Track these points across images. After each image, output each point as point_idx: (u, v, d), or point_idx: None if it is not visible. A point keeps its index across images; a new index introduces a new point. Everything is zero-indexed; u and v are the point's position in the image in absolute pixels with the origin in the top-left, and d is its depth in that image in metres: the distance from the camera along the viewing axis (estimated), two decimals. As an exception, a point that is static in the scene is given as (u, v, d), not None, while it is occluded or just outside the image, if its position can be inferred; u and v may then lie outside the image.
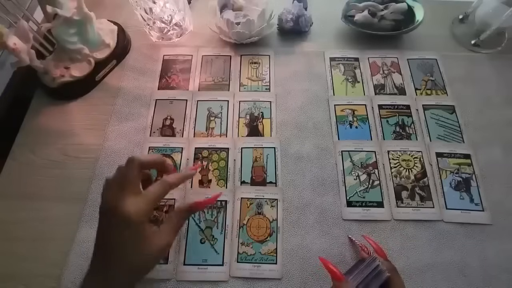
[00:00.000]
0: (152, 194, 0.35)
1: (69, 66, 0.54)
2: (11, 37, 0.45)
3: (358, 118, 0.54)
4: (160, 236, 0.35)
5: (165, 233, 0.35)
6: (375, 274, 0.35)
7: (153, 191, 0.35)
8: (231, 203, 0.47)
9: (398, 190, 0.48)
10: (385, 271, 0.35)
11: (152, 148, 0.51)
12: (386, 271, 0.35)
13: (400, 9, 0.58)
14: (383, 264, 0.36)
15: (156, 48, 0.61)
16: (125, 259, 0.33)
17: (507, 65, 0.58)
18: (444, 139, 0.52)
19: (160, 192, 0.36)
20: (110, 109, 0.54)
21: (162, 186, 0.36)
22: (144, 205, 0.33)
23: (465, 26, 0.63)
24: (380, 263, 0.36)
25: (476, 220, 0.46)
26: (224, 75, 0.58)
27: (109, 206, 0.33)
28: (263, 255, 0.43)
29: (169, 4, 0.56)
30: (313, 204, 0.47)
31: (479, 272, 0.42)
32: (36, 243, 0.45)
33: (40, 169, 0.50)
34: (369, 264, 0.36)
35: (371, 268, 0.36)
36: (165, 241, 0.35)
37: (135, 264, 0.33)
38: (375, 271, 0.35)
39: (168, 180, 0.37)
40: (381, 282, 0.35)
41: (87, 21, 0.53)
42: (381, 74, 0.58)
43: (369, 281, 0.35)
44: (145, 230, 0.34)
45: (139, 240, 0.33)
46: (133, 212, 0.32)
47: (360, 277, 0.35)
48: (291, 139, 0.52)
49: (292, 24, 0.60)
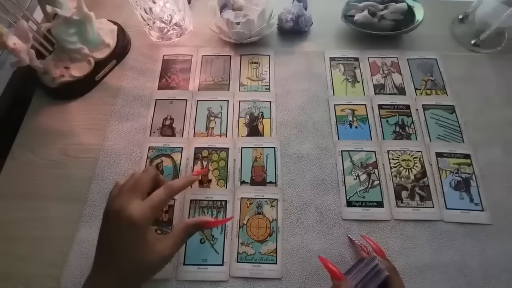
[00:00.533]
0: (156, 199, 0.35)
1: (69, 66, 0.54)
2: (10, 37, 0.45)
3: (358, 118, 0.54)
4: (163, 244, 0.35)
5: (168, 243, 0.35)
6: (374, 273, 0.35)
7: (157, 196, 0.35)
8: (231, 203, 0.47)
9: (398, 190, 0.48)
10: (384, 270, 0.35)
11: (152, 148, 0.51)
12: (385, 270, 0.35)
13: (400, 9, 0.58)
14: (382, 264, 0.36)
15: (156, 48, 0.61)
16: (128, 260, 0.33)
17: (507, 65, 0.58)
18: (444, 139, 0.52)
19: (164, 198, 0.36)
20: (110, 109, 0.54)
21: (166, 191, 0.36)
22: (148, 210, 0.34)
23: (465, 26, 0.63)
24: (379, 262, 0.36)
25: (476, 220, 0.46)
26: (224, 75, 0.58)
27: (115, 209, 0.33)
28: (263, 255, 0.43)
29: (169, 4, 0.56)
30: (313, 204, 0.47)
31: (479, 272, 0.43)
32: (35, 243, 0.44)
33: (40, 169, 0.50)
34: (368, 263, 0.36)
35: (370, 267, 0.36)
36: (167, 252, 0.35)
37: (138, 265, 0.33)
38: (374, 270, 0.35)
39: (173, 186, 0.37)
40: (380, 281, 0.35)
41: (87, 21, 0.53)
42: (381, 74, 0.58)
43: (368, 280, 0.35)
44: (147, 235, 0.34)
45: (142, 243, 0.33)
46: (137, 215, 0.32)
47: (359, 276, 0.35)
48: (291, 139, 0.52)
49: (292, 24, 0.60)
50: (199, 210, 0.46)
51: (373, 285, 0.35)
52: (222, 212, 0.46)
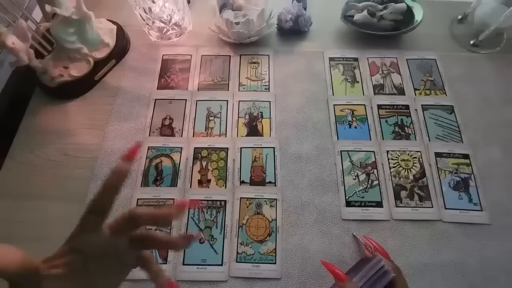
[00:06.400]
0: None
1: (68, 65, 0.54)
2: (9, 37, 0.45)
3: (357, 118, 0.54)
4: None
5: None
6: (380, 274, 0.35)
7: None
8: (230, 203, 0.47)
9: (397, 190, 0.48)
10: (390, 272, 0.35)
11: (151, 147, 0.51)
12: (392, 272, 0.35)
13: (400, 9, 0.58)
14: (388, 265, 0.36)
15: (155, 47, 0.61)
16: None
17: (506, 65, 0.59)
18: (443, 139, 0.52)
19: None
20: (109, 108, 0.54)
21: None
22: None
23: (464, 26, 0.63)
24: (385, 263, 0.36)
25: (474, 220, 0.46)
26: (224, 75, 0.58)
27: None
28: (262, 255, 0.43)
29: (168, 3, 0.56)
30: (312, 204, 0.47)
31: (477, 271, 0.43)
32: (34, 242, 0.44)
33: (39, 168, 0.50)
34: (374, 265, 0.36)
35: (376, 269, 0.36)
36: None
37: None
38: (381, 272, 0.35)
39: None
40: (386, 283, 0.35)
41: (86, 21, 0.53)
42: (380, 74, 0.58)
43: (374, 281, 0.35)
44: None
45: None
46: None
47: (366, 277, 0.35)
48: (290, 139, 0.52)
49: (292, 24, 0.60)
50: (198, 210, 0.46)
51: (379, 286, 0.35)
52: (222, 212, 0.46)
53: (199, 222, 0.45)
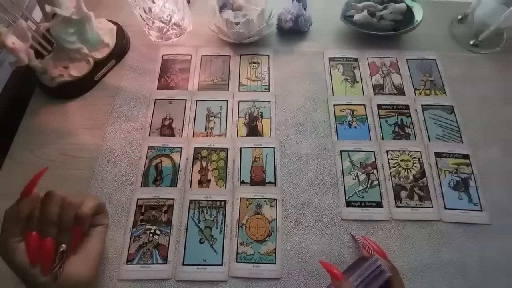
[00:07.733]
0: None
1: (68, 65, 0.54)
2: (9, 37, 0.45)
3: (357, 118, 0.54)
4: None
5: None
6: (376, 273, 0.35)
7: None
8: (230, 203, 0.47)
9: (397, 190, 0.48)
10: (386, 271, 0.35)
11: (151, 148, 0.51)
12: (388, 271, 0.35)
13: (399, 9, 0.58)
14: (384, 265, 0.36)
15: (155, 47, 0.61)
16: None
17: (506, 65, 0.59)
18: (443, 139, 0.52)
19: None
20: (109, 108, 0.54)
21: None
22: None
23: (464, 26, 0.63)
24: (382, 263, 0.36)
25: (474, 220, 0.46)
26: (224, 75, 0.58)
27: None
28: (262, 255, 0.43)
29: (168, 3, 0.56)
30: (312, 204, 0.47)
31: (477, 272, 0.43)
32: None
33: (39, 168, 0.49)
34: (371, 264, 0.36)
35: (373, 268, 0.36)
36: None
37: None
38: (377, 271, 0.35)
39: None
40: (382, 282, 0.35)
41: (86, 21, 0.53)
42: (380, 74, 0.58)
43: (370, 280, 0.35)
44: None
45: None
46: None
47: (362, 276, 0.35)
48: (290, 139, 0.52)
49: (292, 24, 0.60)
50: (198, 210, 0.46)
51: (375, 285, 0.35)
52: (222, 212, 0.46)
53: (199, 222, 0.45)
